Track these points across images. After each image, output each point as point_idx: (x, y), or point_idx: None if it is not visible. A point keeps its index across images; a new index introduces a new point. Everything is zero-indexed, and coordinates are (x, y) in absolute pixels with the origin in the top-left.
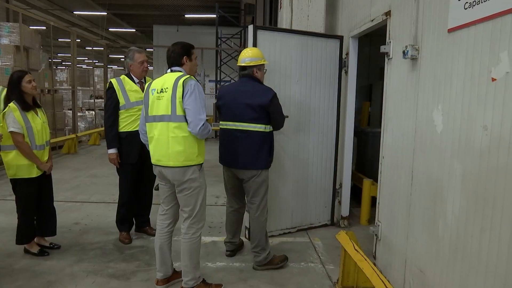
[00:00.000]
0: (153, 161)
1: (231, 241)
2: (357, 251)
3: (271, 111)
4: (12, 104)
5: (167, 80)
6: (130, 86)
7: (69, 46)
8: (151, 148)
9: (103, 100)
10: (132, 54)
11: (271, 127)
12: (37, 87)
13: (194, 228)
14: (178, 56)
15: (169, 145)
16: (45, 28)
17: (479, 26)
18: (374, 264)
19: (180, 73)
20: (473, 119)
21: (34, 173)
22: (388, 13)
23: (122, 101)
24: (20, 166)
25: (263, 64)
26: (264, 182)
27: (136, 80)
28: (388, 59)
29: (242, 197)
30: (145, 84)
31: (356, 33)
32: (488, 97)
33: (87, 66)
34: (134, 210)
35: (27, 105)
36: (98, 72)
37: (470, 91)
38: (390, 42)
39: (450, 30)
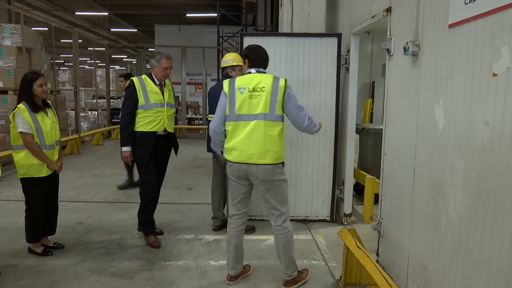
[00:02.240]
0: (241, 158)
1: (216, 216)
2: (360, 248)
3: None
4: (21, 105)
5: (262, 80)
6: (151, 87)
7: (71, 47)
8: (238, 146)
9: (105, 100)
10: (160, 58)
11: None
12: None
13: (288, 221)
14: (267, 59)
15: (266, 143)
16: (47, 29)
17: (480, 21)
18: (377, 261)
19: (271, 74)
20: (475, 115)
21: (44, 172)
22: (388, 10)
23: (141, 101)
24: (30, 165)
25: (238, 65)
26: None
27: (157, 82)
28: (389, 56)
29: (223, 177)
30: (165, 87)
31: (357, 30)
32: (489, 92)
33: (89, 66)
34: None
35: (36, 106)
36: (100, 72)
37: (471, 86)
38: (391, 38)
39: (451, 26)
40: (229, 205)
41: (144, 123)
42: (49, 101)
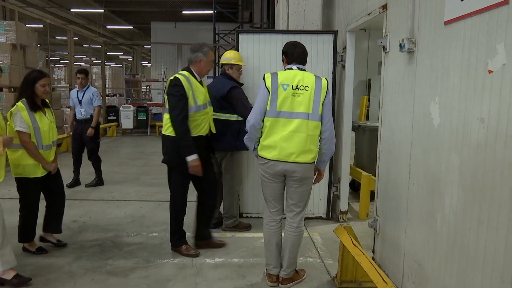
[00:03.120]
0: (280, 157)
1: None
2: (355, 246)
3: (232, 102)
4: (20, 104)
5: (305, 78)
6: (196, 85)
7: (66, 44)
8: (277, 144)
9: (101, 98)
10: (207, 50)
11: (239, 116)
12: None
13: (303, 220)
14: (305, 54)
15: (306, 143)
16: (42, 26)
17: (476, 18)
18: (373, 258)
19: (312, 73)
20: (470, 112)
21: (39, 172)
22: (384, 6)
23: (191, 102)
24: (25, 165)
25: (236, 64)
26: (235, 162)
27: (199, 78)
28: (385, 53)
29: (219, 175)
30: (202, 83)
31: (353, 27)
32: (485, 89)
33: (84, 64)
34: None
35: (36, 105)
36: (96, 69)
37: (467, 83)
38: (386, 35)
39: (447, 23)
40: (266, 203)
41: (191, 127)
42: (47, 100)
